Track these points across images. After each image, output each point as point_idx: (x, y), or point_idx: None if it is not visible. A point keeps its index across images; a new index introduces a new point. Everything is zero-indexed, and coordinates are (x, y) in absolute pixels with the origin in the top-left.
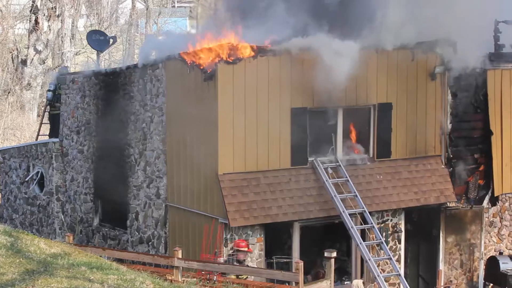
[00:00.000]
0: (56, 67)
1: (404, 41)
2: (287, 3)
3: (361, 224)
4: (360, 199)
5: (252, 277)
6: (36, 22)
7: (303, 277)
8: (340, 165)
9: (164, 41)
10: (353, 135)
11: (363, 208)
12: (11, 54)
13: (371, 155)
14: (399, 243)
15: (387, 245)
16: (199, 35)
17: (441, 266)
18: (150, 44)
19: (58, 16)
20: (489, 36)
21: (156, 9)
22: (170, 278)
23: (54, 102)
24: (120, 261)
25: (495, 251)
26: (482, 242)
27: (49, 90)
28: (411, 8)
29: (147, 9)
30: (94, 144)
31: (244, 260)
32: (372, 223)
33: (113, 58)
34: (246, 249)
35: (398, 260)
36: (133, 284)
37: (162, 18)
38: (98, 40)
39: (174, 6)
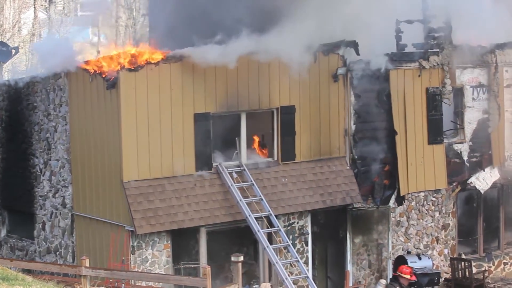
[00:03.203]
0: None
1: (306, 43)
2: (191, 10)
3: (268, 228)
4: (266, 203)
5: (160, 283)
6: None
7: (211, 282)
8: (244, 169)
9: (65, 50)
10: (257, 139)
11: (269, 211)
12: None
13: (275, 159)
14: (306, 245)
15: (294, 248)
16: (101, 44)
17: (349, 267)
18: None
19: None
20: (390, 36)
21: (58, 18)
22: (78, 287)
23: None
24: (29, 272)
25: (403, 250)
26: (390, 242)
27: None
28: (312, 9)
29: (49, 18)
30: None
31: (405, 286)
32: (278, 226)
33: (16, 69)
34: (408, 276)
35: (306, 262)
36: None
37: (64, 27)
38: (1, 51)
39: (76, 15)
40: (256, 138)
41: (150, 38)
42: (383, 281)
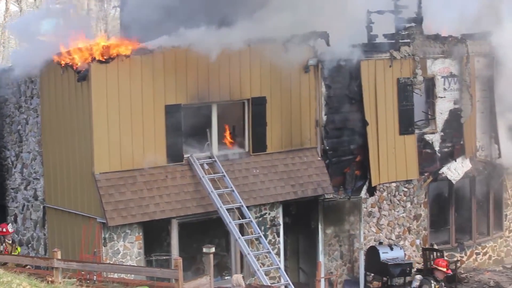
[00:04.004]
0: None
1: (277, 34)
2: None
3: (239, 219)
4: (237, 194)
5: (132, 275)
6: None
7: (182, 274)
8: (216, 161)
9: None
10: (228, 130)
11: (241, 202)
12: None
13: (246, 150)
14: (278, 236)
15: (266, 239)
16: (72, 36)
17: (321, 258)
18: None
19: None
20: (361, 27)
21: (30, 10)
22: (50, 279)
23: None
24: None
25: (374, 241)
26: (362, 232)
27: None
28: (283, 0)
29: (20, 10)
30: None
31: (441, 279)
32: (250, 218)
33: None
34: (445, 269)
35: (278, 254)
36: (9, 286)
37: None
38: None
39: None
40: (228, 129)
41: (121, 30)
42: (418, 277)
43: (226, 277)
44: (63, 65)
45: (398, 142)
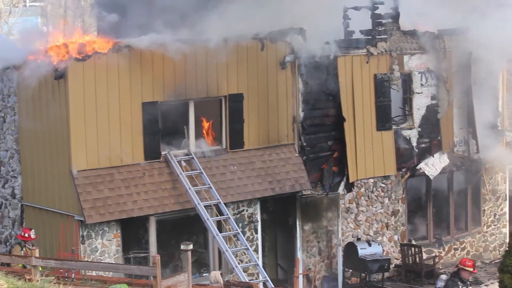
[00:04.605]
0: None
1: (254, 31)
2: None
3: (217, 216)
4: (215, 191)
5: (110, 273)
6: None
7: (160, 271)
8: (193, 158)
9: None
10: (205, 127)
11: (218, 199)
12: None
13: (224, 146)
14: (256, 233)
15: (244, 236)
16: (49, 34)
17: (299, 254)
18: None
19: None
20: (338, 23)
21: (7, 9)
22: (28, 277)
23: None
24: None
25: (352, 237)
26: (339, 228)
27: None
28: None
29: None
30: None
31: (467, 280)
32: (227, 214)
33: None
34: (471, 269)
35: (256, 250)
36: None
37: (13, 17)
38: None
39: (25, 6)
40: (205, 126)
41: (98, 28)
42: (443, 277)
43: (204, 274)
44: (40, 62)
45: (376, 138)
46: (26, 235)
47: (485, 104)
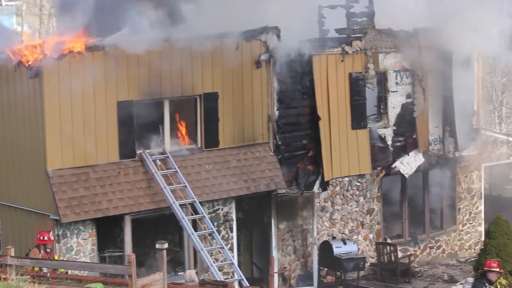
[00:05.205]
0: None
1: (228, 30)
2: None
3: (192, 215)
4: (190, 190)
5: (86, 272)
6: None
7: (136, 270)
8: (168, 157)
9: None
10: (180, 126)
11: (193, 198)
12: None
13: (199, 145)
14: (231, 231)
15: (219, 234)
16: (25, 33)
17: (274, 253)
18: None
19: None
20: (313, 22)
21: None
22: (3, 276)
23: None
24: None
25: (328, 235)
26: (315, 227)
27: None
28: None
29: None
30: None
31: (495, 281)
32: (203, 213)
33: None
34: (497, 269)
35: (231, 249)
36: None
37: None
38: None
39: (1, 5)
40: (180, 125)
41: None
42: (470, 279)
43: (179, 273)
44: (15, 61)
45: (351, 137)
46: (46, 237)
47: (460, 103)
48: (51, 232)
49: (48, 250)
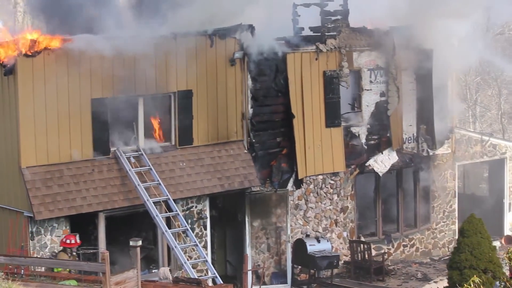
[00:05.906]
0: None
1: (202, 27)
2: None
3: (166, 212)
4: (164, 187)
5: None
6: None
7: (109, 267)
8: (142, 154)
9: None
10: (155, 124)
11: (167, 196)
12: None
13: (173, 143)
14: (205, 229)
15: (193, 232)
16: None
17: (248, 250)
18: None
19: None
20: (287, 20)
21: None
22: None
23: None
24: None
25: (301, 233)
26: (289, 225)
27: None
28: None
29: None
30: None
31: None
32: (176, 211)
33: None
34: None
35: (205, 246)
36: None
37: None
38: None
39: None
40: (154, 123)
41: (47, 24)
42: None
43: (153, 270)
44: None
45: (325, 135)
46: (73, 241)
47: (435, 101)
48: (77, 235)
49: (74, 254)
